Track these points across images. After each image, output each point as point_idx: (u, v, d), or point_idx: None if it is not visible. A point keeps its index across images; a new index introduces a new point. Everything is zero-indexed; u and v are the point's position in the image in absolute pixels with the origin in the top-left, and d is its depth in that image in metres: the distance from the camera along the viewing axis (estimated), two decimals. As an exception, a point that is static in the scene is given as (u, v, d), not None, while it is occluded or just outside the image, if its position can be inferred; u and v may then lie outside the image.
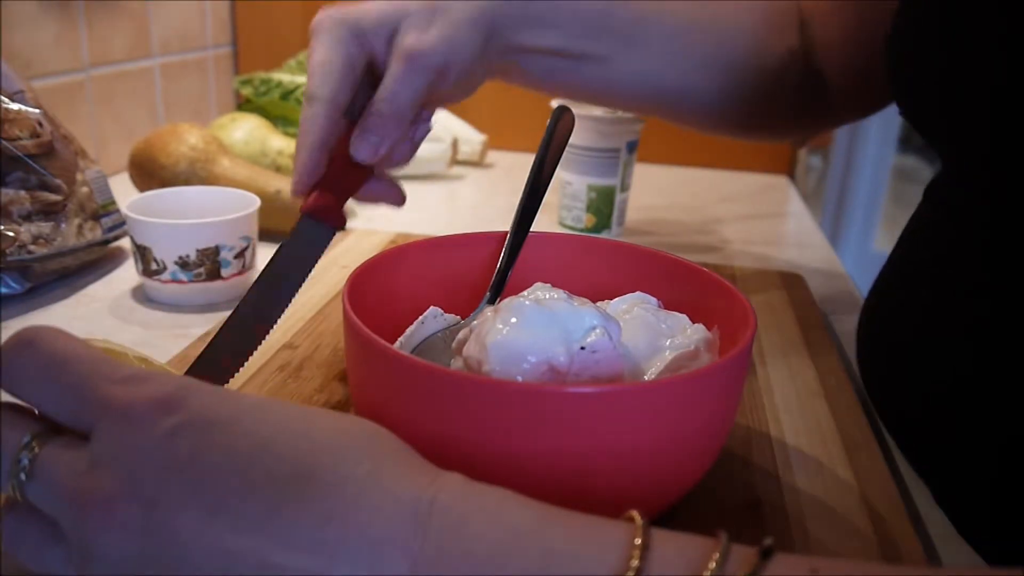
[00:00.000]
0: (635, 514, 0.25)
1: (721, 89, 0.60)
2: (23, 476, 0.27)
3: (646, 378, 0.38)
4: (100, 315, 0.60)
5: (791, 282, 0.67)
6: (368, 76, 0.48)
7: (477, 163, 1.07)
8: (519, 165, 1.07)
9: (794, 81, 0.62)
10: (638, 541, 0.24)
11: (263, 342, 0.40)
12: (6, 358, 0.28)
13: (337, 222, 0.44)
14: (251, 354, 0.40)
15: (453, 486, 0.26)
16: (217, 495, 0.25)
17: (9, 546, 0.28)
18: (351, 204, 0.47)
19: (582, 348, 0.35)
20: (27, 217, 0.60)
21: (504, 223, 0.47)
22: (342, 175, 0.45)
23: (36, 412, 0.29)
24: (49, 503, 0.27)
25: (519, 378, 0.34)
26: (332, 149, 0.46)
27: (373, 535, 0.24)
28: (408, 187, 0.96)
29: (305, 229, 0.43)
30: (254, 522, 0.24)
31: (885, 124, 2.20)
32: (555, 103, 0.61)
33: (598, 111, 0.79)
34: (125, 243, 0.72)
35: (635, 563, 0.23)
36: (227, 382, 0.39)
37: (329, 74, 0.45)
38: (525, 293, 0.40)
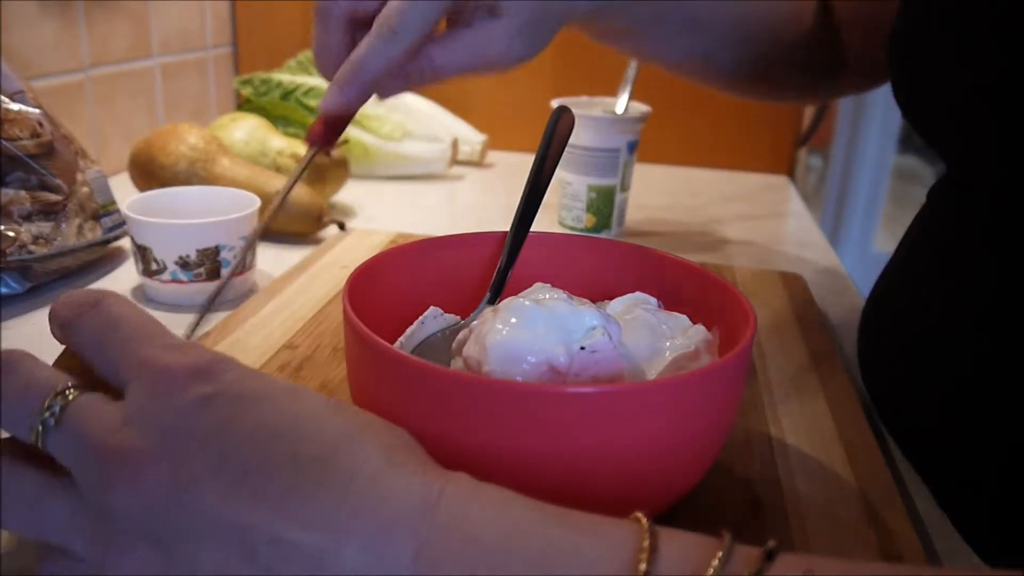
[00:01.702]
0: (640, 516, 0.25)
1: (742, 60, 0.64)
2: (51, 422, 0.27)
3: (646, 379, 0.38)
4: (100, 315, 0.60)
5: (791, 282, 0.67)
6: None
7: (477, 163, 1.07)
8: (519, 165, 1.07)
9: (811, 52, 0.65)
10: (646, 543, 0.24)
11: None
12: (75, 314, 0.30)
13: (320, 141, 0.47)
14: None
15: (462, 480, 0.27)
16: (241, 467, 0.25)
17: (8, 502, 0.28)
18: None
19: (582, 348, 0.35)
20: (27, 217, 0.60)
21: (504, 223, 0.47)
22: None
23: (79, 371, 0.30)
24: (72, 454, 0.27)
25: (519, 378, 0.34)
26: None
27: (382, 519, 0.25)
28: (408, 187, 0.96)
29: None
30: (273, 497, 0.25)
31: (885, 124, 2.20)
32: (555, 103, 0.61)
33: (598, 111, 0.79)
34: (125, 243, 0.72)
35: (643, 567, 0.23)
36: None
37: (328, 58, 0.47)
38: (525, 293, 0.40)
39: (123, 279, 0.67)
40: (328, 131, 0.47)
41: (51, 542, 0.27)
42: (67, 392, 0.28)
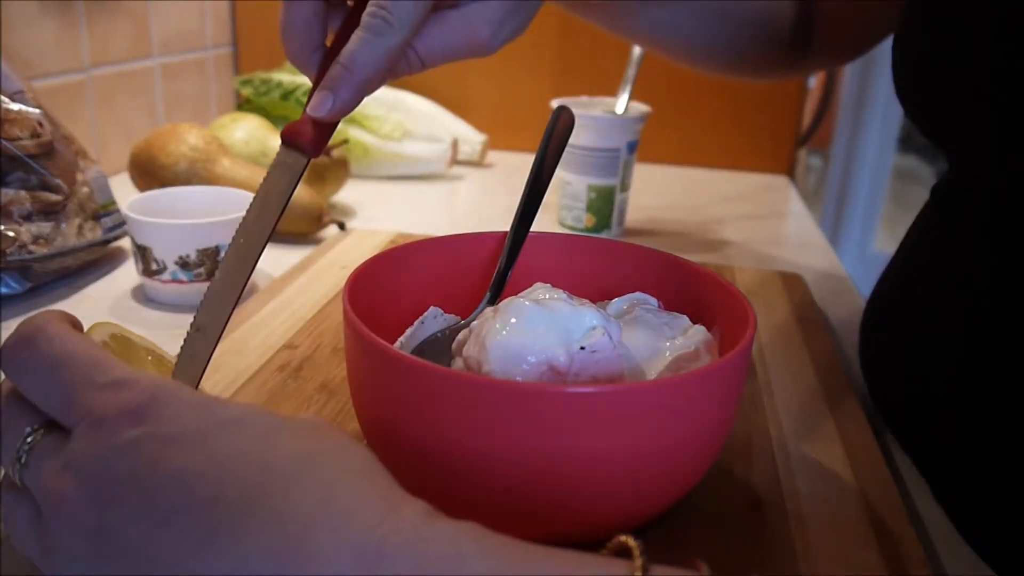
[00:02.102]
0: (632, 545, 0.23)
1: (714, 38, 0.66)
2: (18, 467, 0.29)
3: (646, 379, 0.38)
4: (100, 315, 0.60)
5: (791, 282, 0.67)
6: None
7: (477, 163, 1.07)
8: (519, 165, 1.07)
9: (790, 33, 0.67)
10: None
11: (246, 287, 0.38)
12: (7, 357, 0.30)
13: (311, 149, 0.40)
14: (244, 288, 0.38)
15: (408, 525, 0.24)
16: (164, 512, 0.25)
17: (4, 523, 0.29)
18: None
19: (582, 348, 0.35)
20: (27, 217, 0.60)
21: (504, 223, 0.47)
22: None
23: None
24: (35, 493, 0.28)
25: (519, 378, 0.34)
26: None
27: (311, 572, 0.23)
28: (408, 187, 0.96)
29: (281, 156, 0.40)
30: (195, 546, 0.24)
31: (885, 124, 2.20)
32: (555, 103, 0.61)
33: (598, 111, 0.79)
34: (125, 243, 0.72)
35: None
36: (226, 323, 0.38)
37: (296, 42, 0.43)
38: (525, 293, 0.40)
39: (123, 279, 0.67)
40: (318, 136, 0.41)
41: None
42: (32, 435, 0.29)
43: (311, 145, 0.40)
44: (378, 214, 0.87)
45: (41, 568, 0.28)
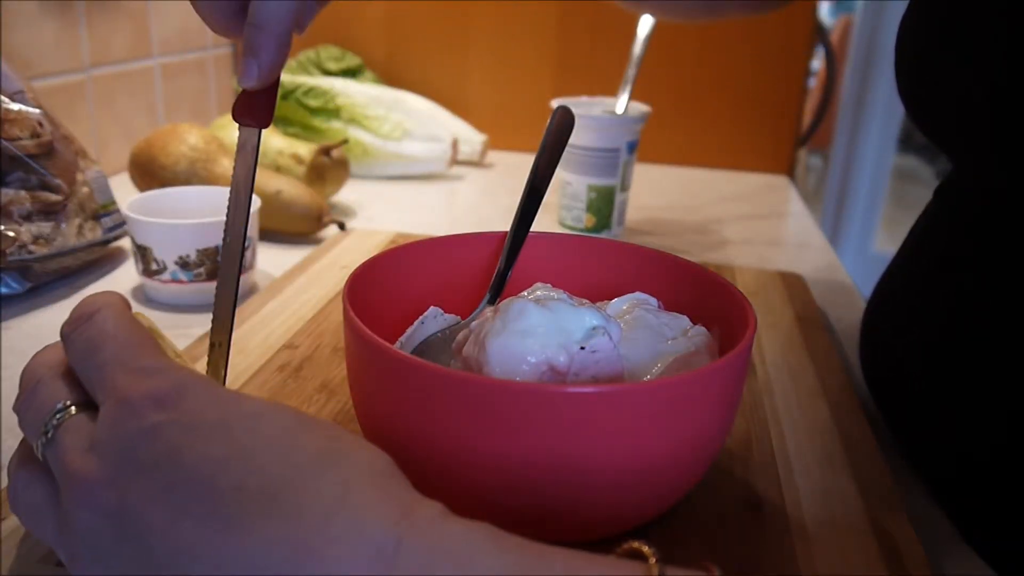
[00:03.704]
0: (647, 551, 0.24)
1: None
2: (43, 440, 0.29)
3: (646, 379, 0.38)
4: (100, 315, 0.60)
5: (791, 282, 0.67)
6: None
7: (477, 163, 1.07)
8: (519, 165, 1.07)
9: None
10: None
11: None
12: (66, 329, 0.31)
13: (257, 120, 0.40)
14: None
15: (424, 524, 0.24)
16: (185, 498, 0.25)
17: (12, 501, 0.30)
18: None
19: (582, 348, 0.35)
20: (27, 217, 0.60)
21: (504, 223, 0.47)
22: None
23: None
24: (55, 470, 0.28)
25: (519, 379, 0.34)
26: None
27: (329, 567, 0.23)
28: (408, 187, 0.96)
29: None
30: (215, 532, 0.24)
31: (885, 124, 2.20)
32: (555, 103, 0.61)
33: (598, 111, 0.79)
34: (125, 243, 0.72)
35: None
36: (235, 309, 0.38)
37: (212, 10, 0.39)
38: (525, 293, 0.40)
39: (123, 279, 0.67)
40: (259, 105, 0.39)
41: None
42: (63, 412, 0.29)
43: (256, 117, 0.40)
44: (378, 214, 0.87)
45: (54, 547, 0.28)
